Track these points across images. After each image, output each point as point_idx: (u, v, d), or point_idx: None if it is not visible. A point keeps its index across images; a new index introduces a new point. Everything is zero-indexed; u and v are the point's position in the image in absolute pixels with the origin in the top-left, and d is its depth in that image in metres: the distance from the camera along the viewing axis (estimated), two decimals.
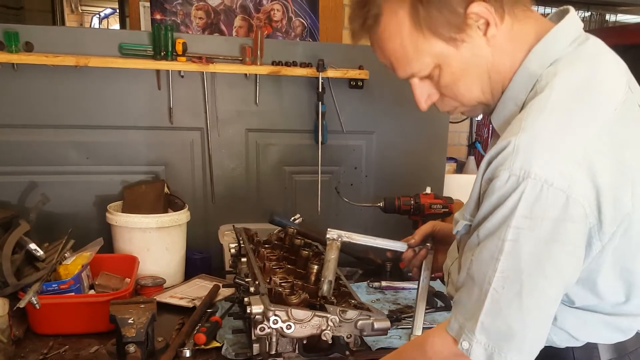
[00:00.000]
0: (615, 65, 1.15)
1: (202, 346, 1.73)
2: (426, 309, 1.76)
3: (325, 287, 1.62)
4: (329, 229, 1.71)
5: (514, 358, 1.05)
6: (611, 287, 1.13)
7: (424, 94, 1.23)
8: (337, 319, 1.53)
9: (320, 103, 2.55)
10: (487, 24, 1.10)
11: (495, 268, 1.04)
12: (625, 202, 1.03)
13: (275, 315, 1.48)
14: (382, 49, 1.19)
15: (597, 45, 1.16)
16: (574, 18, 1.16)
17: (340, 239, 1.69)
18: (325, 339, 1.51)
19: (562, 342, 1.21)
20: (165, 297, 2.08)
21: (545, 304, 1.06)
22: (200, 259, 2.45)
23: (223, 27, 3.44)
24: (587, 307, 1.17)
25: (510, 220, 1.01)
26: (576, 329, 1.19)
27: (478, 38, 1.11)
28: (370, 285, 2.31)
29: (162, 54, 2.34)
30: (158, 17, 3.03)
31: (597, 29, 4.64)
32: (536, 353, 1.09)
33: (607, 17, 4.96)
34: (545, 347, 1.18)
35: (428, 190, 2.44)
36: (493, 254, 1.05)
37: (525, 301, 1.03)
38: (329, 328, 1.52)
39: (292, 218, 2.27)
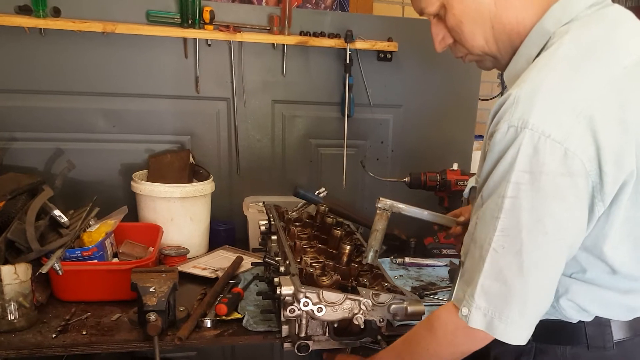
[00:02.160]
0: (635, 33, 1.13)
1: (223, 317, 1.72)
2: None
3: (370, 255, 1.59)
4: (380, 198, 1.68)
5: (516, 322, 1.03)
6: (626, 259, 1.10)
7: (439, 35, 1.28)
8: (370, 303, 1.46)
9: (347, 75, 2.51)
10: None
11: (495, 227, 1.03)
12: (629, 161, 1.01)
13: (306, 297, 1.42)
14: None
15: (621, 12, 1.15)
16: None
17: (390, 210, 1.66)
18: (357, 323, 1.45)
19: (572, 314, 1.17)
20: (188, 267, 2.08)
21: (547, 264, 1.03)
22: (224, 230, 2.45)
23: None
24: (601, 282, 1.13)
25: (509, 175, 1.00)
26: (588, 302, 1.15)
27: None
28: (394, 262, 2.29)
29: (190, 21, 2.32)
30: None
31: (634, 6, 4.50)
32: (538, 317, 1.07)
33: None
34: (557, 320, 1.16)
35: (455, 166, 2.39)
36: (493, 212, 1.03)
37: (525, 260, 1.01)
38: (361, 312, 1.45)
39: (317, 192, 2.25)
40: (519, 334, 1.06)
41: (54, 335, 1.60)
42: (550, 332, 1.17)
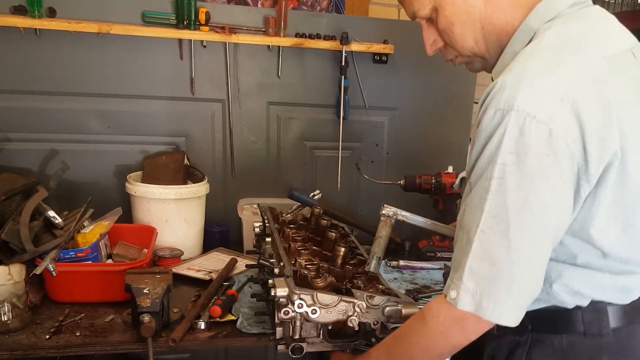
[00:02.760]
0: (618, 29, 1.18)
1: (217, 319, 1.72)
2: None
3: (373, 263, 1.60)
4: (385, 205, 1.69)
5: (504, 302, 1.04)
6: (614, 242, 1.12)
7: (430, 39, 1.32)
8: (365, 305, 1.46)
9: (343, 77, 2.52)
10: None
11: (482, 208, 1.04)
12: (612, 142, 1.03)
13: (300, 299, 1.42)
14: None
15: (602, 12, 1.20)
16: None
17: (395, 217, 1.66)
18: (351, 325, 1.44)
19: (567, 299, 1.17)
20: (182, 269, 2.08)
21: (534, 244, 1.04)
22: (218, 232, 2.44)
23: (249, 0, 3.40)
24: (593, 265, 1.15)
25: (496, 157, 1.03)
26: (582, 286, 1.16)
27: None
28: (388, 264, 2.29)
29: (185, 22, 2.32)
30: None
31: (628, 11, 4.53)
32: (528, 300, 1.07)
33: None
34: (552, 308, 1.16)
35: (450, 169, 2.40)
36: (481, 194, 1.05)
37: (513, 240, 1.03)
38: (355, 314, 1.45)
39: (312, 194, 2.25)
40: (508, 315, 1.06)
41: (47, 337, 1.59)
42: (546, 320, 1.17)
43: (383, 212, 1.67)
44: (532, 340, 1.22)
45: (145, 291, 1.60)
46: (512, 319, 1.07)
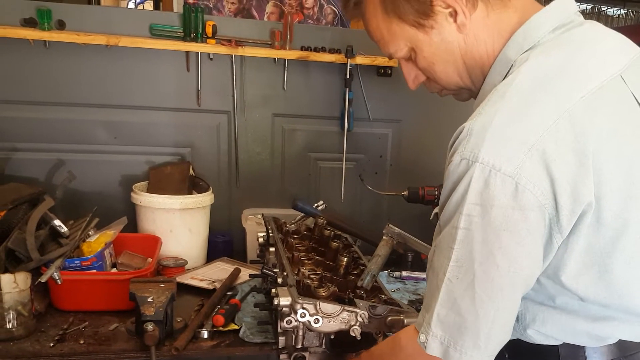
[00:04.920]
0: (605, 54, 1.10)
1: (220, 328, 1.73)
2: None
3: (367, 279, 1.60)
4: (389, 225, 1.68)
5: (470, 353, 1.02)
6: (590, 289, 1.06)
7: (410, 74, 1.27)
8: (367, 315, 1.46)
9: (347, 90, 2.54)
10: (455, 12, 1.11)
11: (449, 257, 1.02)
12: (586, 193, 0.97)
13: (303, 308, 1.42)
14: (366, 29, 1.26)
15: (589, 32, 1.12)
16: (564, 3, 1.13)
17: (397, 239, 1.67)
18: (354, 334, 1.44)
19: (541, 340, 1.14)
20: (186, 279, 2.09)
21: (500, 297, 1.01)
22: (222, 242, 2.46)
23: (255, 13, 3.45)
24: (571, 308, 1.10)
25: (462, 207, 0.99)
26: (557, 331, 1.13)
27: (447, 25, 1.13)
28: (391, 275, 2.30)
29: (192, 35, 2.35)
30: (191, 1, 3.04)
31: (632, 25, 4.55)
32: (494, 349, 1.05)
33: None
34: (529, 343, 1.15)
35: None
36: (448, 242, 1.03)
37: (478, 292, 1.00)
38: (358, 323, 1.45)
39: (316, 205, 2.26)
40: None
41: (51, 344, 1.61)
42: (523, 350, 1.15)
43: (386, 231, 1.67)
44: None
45: (149, 300, 1.61)
46: None
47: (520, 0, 1.15)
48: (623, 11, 4.75)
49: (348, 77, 2.52)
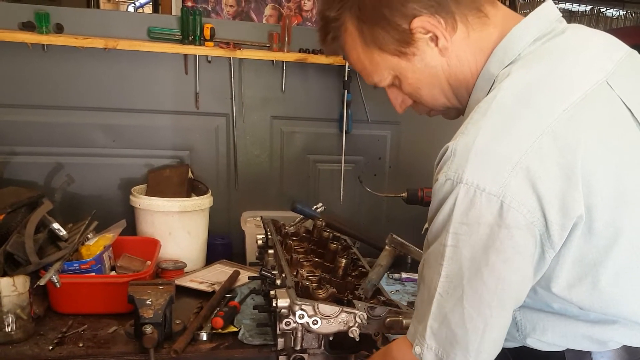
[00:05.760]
0: (588, 61, 1.08)
1: (219, 330, 1.73)
2: None
3: (367, 288, 1.60)
4: (392, 235, 1.68)
5: None
6: (586, 301, 1.05)
7: (397, 99, 1.27)
8: (365, 316, 1.46)
9: (346, 92, 2.54)
10: (436, 36, 1.10)
11: (439, 272, 1.02)
12: (576, 206, 0.96)
13: (302, 309, 1.42)
14: (348, 60, 1.25)
15: (571, 40, 1.11)
16: (543, 12, 1.12)
17: (399, 249, 1.67)
18: (352, 336, 1.44)
19: (543, 347, 1.14)
20: (185, 281, 2.09)
21: (488, 313, 1.01)
22: (221, 245, 2.46)
23: (253, 16, 3.45)
24: (571, 313, 1.09)
25: (448, 226, 0.99)
26: (558, 338, 1.12)
27: (429, 50, 1.12)
28: (390, 277, 2.30)
29: (190, 38, 2.35)
30: (189, 4, 3.04)
31: (626, 27, 4.55)
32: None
33: None
34: (534, 349, 1.14)
35: None
36: (437, 258, 1.03)
37: (466, 308, 1.01)
38: (356, 325, 1.45)
39: (315, 207, 2.26)
40: None
41: (50, 348, 1.61)
42: (529, 357, 1.15)
43: (389, 241, 1.67)
44: None
45: (148, 302, 1.61)
46: None
47: (500, 15, 1.13)
48: (622, 12, 4.75)
49: (346, 79, 2.53)
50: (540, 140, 0.96)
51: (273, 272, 1.68)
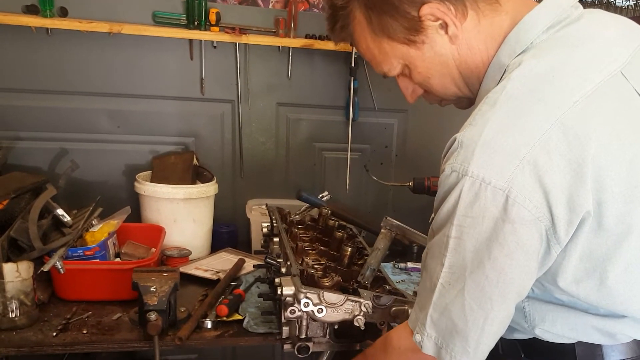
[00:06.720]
0: (602, 50, 1.05)
1: (224, 318, 1.72)
2: None
3: (367, 274, 1.59)
4: (387, 218, 1.67)
5: (458, 356, 1.03)
6: (593, 296, 1.04)
7: (408, 89, 1.26)
8: (371, 305, 1.45)
9: (352, 79, 2.52)
10: (446, 23, 1.08)
11: (442, 263, 1.02)
12: (583, 202, 0.94)
13: (307, 297, 1.41)
14: (357, 49, 1.25)
15: (586, 28, 1.07)
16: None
17: (395, 231, 1.65)
18: (357, 324, 1.43)
19: (553, 339, 1.12)
20: (190, 269, 2.08)
21: (489, 306, 1.00)
22: (226, 233, 2.45)
23: (259, 1, 3.40)
24: (579, 306, 1.08)
25: (452, 217, 0.99)
26: (567, 330, 1.11)
27: (439, 38, 1.11)
28: (396, 266, 2.28)
29: (196, 23, 2.32)
30: None
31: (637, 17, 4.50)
32: (484, 354, 1.05)
33: None
34: (544, 341, 1.13)
35: None
36: (440, 249, 1.03)
37: (467, 300, 1.00)
38: (362, 313, 1.44)
39: (320, 195, 2.25)
40: None
41: (54, 334, 1.60)
42: (539, 349, 1.14)
43: (384, 224, 1.65)
44: None
45: (152, 289, 1.60)
46: None
47: (512, 1, 1.10)
48: (632, 2, 4.68)
49: (353, 65, 2.50)
50: (548, 133, 0.94)
51: (278, 260, 1.67)
